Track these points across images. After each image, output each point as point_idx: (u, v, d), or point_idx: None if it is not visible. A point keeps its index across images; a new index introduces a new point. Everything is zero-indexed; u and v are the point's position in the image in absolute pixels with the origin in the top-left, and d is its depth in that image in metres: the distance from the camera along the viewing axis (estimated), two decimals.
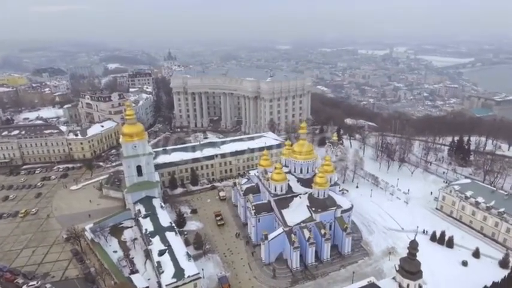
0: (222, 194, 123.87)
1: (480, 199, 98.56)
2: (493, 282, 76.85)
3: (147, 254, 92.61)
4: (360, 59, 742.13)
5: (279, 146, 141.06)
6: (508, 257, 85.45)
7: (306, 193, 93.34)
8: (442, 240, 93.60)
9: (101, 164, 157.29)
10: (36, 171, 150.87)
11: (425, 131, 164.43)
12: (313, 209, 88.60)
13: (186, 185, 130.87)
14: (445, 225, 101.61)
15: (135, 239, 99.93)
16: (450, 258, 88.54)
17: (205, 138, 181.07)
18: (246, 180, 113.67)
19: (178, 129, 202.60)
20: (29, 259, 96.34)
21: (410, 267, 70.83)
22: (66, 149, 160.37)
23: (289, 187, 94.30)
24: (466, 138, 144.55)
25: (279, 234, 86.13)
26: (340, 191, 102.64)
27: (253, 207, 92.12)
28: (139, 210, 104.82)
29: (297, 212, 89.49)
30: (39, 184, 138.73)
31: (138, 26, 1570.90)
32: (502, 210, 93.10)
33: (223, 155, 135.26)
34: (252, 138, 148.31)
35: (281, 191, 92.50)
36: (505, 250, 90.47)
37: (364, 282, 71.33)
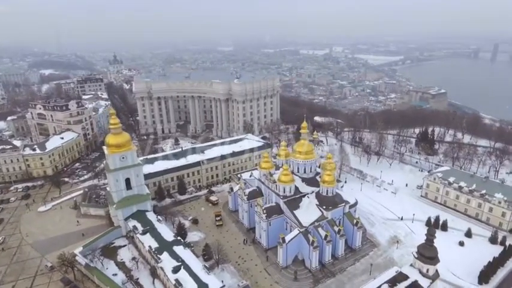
0: (213, 198, 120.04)
1: (462, 184, 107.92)
2: (494, 257, 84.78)
3: (153, 273, 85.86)
4: (302, 59, 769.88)
5: (263, 147, 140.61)
6: (497, 234, 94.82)
7: (313, 192, 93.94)
8: (437, 224, 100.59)
9: (67, 179, 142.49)
10: None
11: (388, 125, 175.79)
12: (324, 207, 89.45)
13: (174, 195, 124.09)
14: (432, 210, 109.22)
15: (134, 258, 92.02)
16: (447, 240, 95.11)
17: (177, 144, 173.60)
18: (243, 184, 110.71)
19: (145, 137, 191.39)
20: None
21: (429, 253, 74.78)
22: (23, 166, 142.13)
23: (296, 187, 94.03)
24: (427, 130, 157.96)
25: (296, 235, 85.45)
26: (342, 187, 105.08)
27: (264, 211, 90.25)
28: (134, 227, 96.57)
29: (308, 212, 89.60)
30: None
31: (62, 29, 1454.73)
32: (483, 192, 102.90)
33: (209, 161, 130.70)
34: (234, 142, 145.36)
35: (290, 192, 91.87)
36: (487, 228, 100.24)
37: (392, 272, 73.77)
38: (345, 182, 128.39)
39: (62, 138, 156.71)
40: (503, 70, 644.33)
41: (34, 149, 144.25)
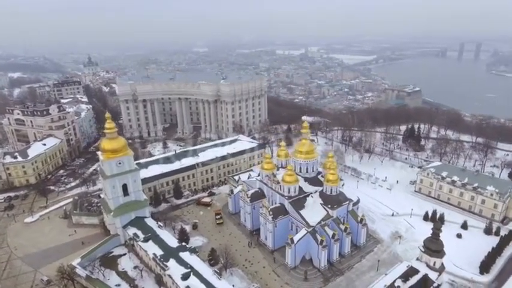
0: (206, 200, 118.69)
1: (455, 178, 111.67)
2: (492, 247, 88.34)
3: (159, 281, 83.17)
4: (279, 59, 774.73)
5: (257, 148, 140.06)
6: (491, 225, 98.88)
7: (316, 191, 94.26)
8: (434, 218, 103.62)
9: (52, 188, 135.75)
10: None
11: (375, 123, 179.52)
12: (329, 206, 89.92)
13: (169, 200, 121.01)
14: (427, 204, 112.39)
15: (136, 266, 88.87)
16: (446, 232, 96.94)
17: (166, 147, 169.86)
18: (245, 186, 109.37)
19: (130, 141, 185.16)
20: None
21: (436, 247, 77.25)
22: (4, 176, 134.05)
23: (300, 187, 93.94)
24: (413, 127, 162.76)
25: (304, 235, 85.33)
26: (343, 185, 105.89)
27: (270, 212, 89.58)
28: (135, 234, 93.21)
29: (314, 211, 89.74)
30: None
31: (27, 30, 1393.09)
32: (476, 185, 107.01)
33: (204, 163, 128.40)
34: (228, 143, 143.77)
35: (294, 192, 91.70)
36: (481, 219, 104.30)
37: (403, 267, 75.26)
38: (340, 179, 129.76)
39: (45, 144, 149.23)
40: (469, 68, 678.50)
41: (15, 157, 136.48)
